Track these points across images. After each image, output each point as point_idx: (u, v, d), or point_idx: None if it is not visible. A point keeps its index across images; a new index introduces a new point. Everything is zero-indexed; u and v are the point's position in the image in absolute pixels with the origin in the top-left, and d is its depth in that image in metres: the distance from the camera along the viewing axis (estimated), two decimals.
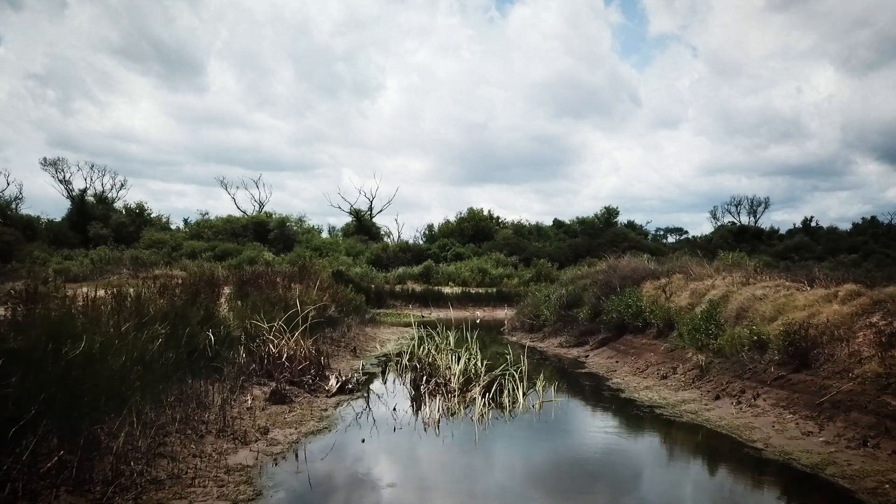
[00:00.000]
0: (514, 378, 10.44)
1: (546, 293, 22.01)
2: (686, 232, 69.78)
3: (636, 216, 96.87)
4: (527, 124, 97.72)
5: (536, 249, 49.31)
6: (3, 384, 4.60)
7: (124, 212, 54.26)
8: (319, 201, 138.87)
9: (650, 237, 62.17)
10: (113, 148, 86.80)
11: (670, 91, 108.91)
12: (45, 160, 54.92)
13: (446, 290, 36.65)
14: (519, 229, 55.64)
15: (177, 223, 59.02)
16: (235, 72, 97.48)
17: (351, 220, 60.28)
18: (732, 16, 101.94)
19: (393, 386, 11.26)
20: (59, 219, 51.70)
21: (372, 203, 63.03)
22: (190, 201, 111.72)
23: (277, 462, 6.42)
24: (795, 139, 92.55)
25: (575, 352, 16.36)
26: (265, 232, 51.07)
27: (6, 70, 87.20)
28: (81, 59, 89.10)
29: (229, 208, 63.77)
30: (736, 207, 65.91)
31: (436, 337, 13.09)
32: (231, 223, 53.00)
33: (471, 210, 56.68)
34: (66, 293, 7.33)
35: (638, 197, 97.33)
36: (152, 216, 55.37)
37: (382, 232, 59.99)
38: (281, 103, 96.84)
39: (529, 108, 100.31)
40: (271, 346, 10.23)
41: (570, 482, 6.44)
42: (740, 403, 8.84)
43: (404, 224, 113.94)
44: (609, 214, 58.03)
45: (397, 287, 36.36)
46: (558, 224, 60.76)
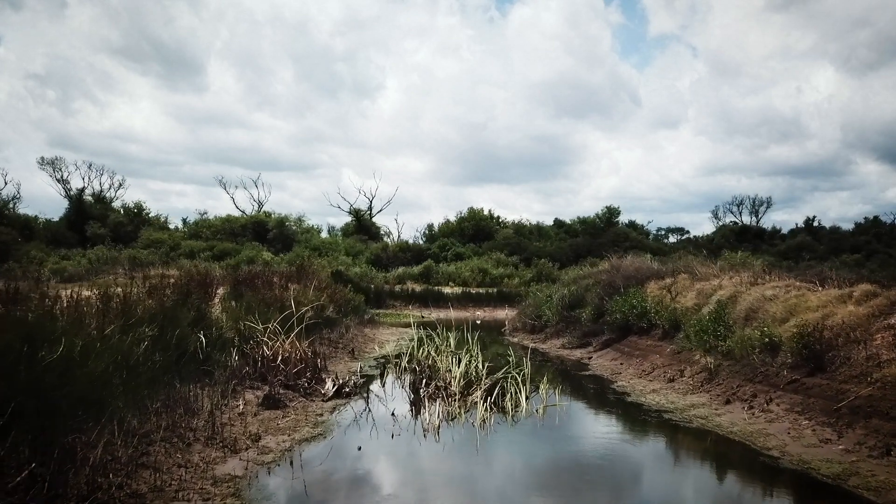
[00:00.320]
0: (517, 381, 10.12)
1: (548, 293, 21.67)
2: (687, 232, 69.47)
3: (636, 216, 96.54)
4: (527, 124, 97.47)
5: (537, 249, 48.97)
6: None
7: (122, 211, 53.89)
8: (319, 201, 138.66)
9: (651, 237, 61.79)
10: (113, 148, 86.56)
11: (670, 91, 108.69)
12: (43, 159, 54.55)
13: (446, 291, 36.35)
14: (519, 229, 55.28)
15: (175, 223, 58.77)
16: (235, 72, 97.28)
17: (350, 220, 59.93)
18: (732, 16, 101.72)
19: (391, 389, 10.91)
20: (57, 218, 51.46)
21: (372, 203, 62.71)
22: (190, 201, 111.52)
23: (269, 472, 6.08)
24: (795, 139, 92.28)
25: (578, 353, 16.02)
26: (264, 232, 50.74)
27: (6, 70, 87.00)
28: (81, 59, 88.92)
29: (229, 208, 63.65)
30: (738, 207, 65.52)
31: (436, 338, 12.76)
32: (230, 223, 52.66)
33: (471, 210, 56.36)
34: (48, 293, 6.99)
35: (638, 197, 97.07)
36: (150, 216, 55.00)
37: (382, 232, 59.67)
38: (281, 103, 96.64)
39: (529, 108, 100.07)
40: (265, 349, 9.88)
41: (577, 493, 6.10)
42: (752, 408, 8.49)
43: (404, 224, 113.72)
44: (610, 214, 57.65)
45: (397, 287, 36.04)
46: (559, 224, 60.42)
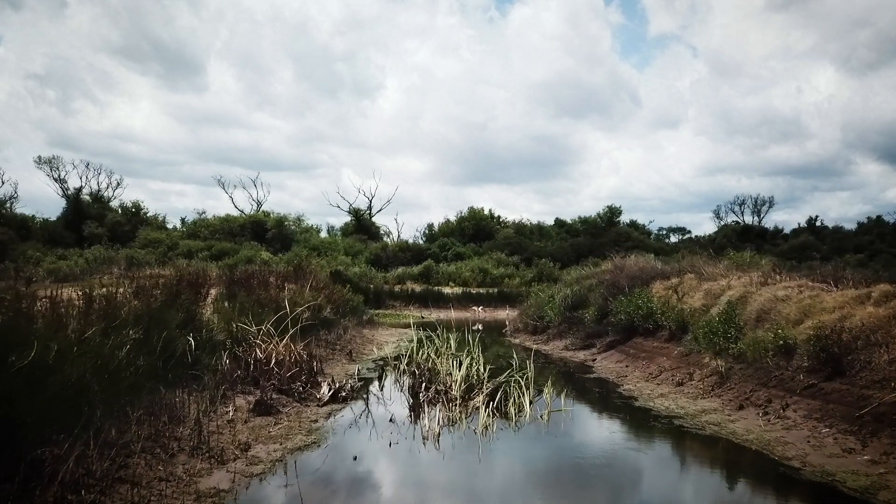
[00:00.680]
0: (520, 385, 9.74)
1: (550, 293, 21.29)
2: (689, 231, 69.03)
3: (636, 216, 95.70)
4: (527, 124, 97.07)
5: (538, 249, 48.58)
6: None
7: (120, 211, 53.49)
8: (319, 201, 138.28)
9: (653, 237, 61.33)
10: (113, 148, 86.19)
11: (670, 91, 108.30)
12: (40, 158, 54.06)
13: (446, 291, 35.98)
14: (520, 229, 54.88)
15: (174, 223, 58.39)
16: (235, 72, 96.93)
17: (350, 220, 59.53)
18: (732, 16, 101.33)
19: (390, 393, 10.53)
20: (55, 218, 51.04)
21: (371, 202, 62.30)
22: (190, 201, 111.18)
23: (257, 484, 5.70)
24: (796, 139, 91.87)
25: (581, 355, 15.64)
26: (263, 231, 50.36)
27: (6, 70, 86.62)
28: (81, 59, 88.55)
29: (228, 208, 63.20)
30: (740, 207, 65.08)
31: (436, 340, 12.38)
32: (228, 222, 52.27)
33: (471, 209, 55.98)
34: (24, 293, 6.60)
35: (638, 197, 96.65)
36: (148, 215, 54.61)
37: (382, 231, 59.26)
38: (281, 103, 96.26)
39: (529, 109, 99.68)
40: (258, 351, 9.50)
41: None
42: (767, 414, 8.11)
43: (404, 224, 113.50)
44: (612, 214, 57.23)
45: (397, 287, 35.66)
46: (560, 223, 60.01)
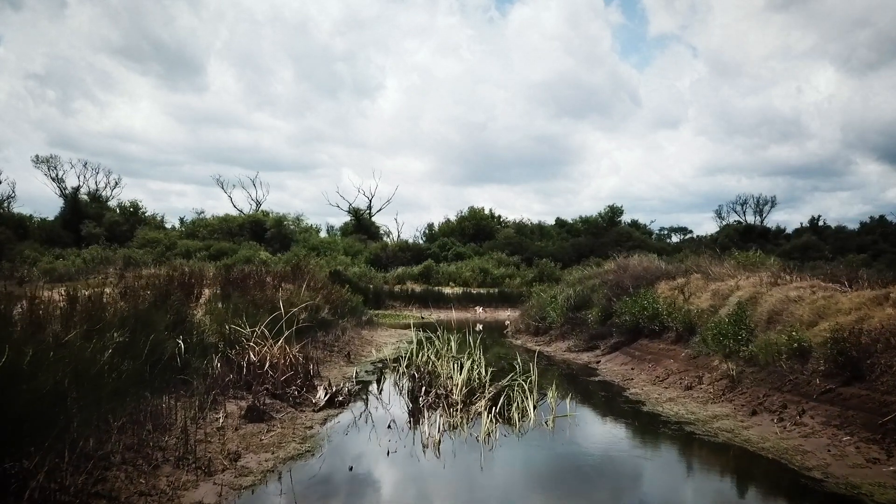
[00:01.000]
0: (524, 389, 9.39)
1: (552, 294, 20.93)
2: (690, 231, 68.63)
3: (636, 216, 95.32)
4: (527, 124, 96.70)
5: (539, 249, 48.24)
6: None
7: (118, 210, 53.11)
8: (319, 201, 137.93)
9: (654, 237, 61.01)
10: (113, 148, 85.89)
11: (670, 91, 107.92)
12: (38, 157, 53.69)
13: (447, 291, 35.64)
14: (521, 228, 54.53)
15: (172, 222, 58.05)
16: (235, 72, 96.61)
17: (349, 220, 59.18)
18: (732, 16, 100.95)
19: (388, 397, 10.18)
20: (53, 218, 50.68)
21: (371, 202, 61.92)
22: (190, 201, 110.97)
23: (246, 498, 5.35)
24: (796, 139, 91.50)
25: (585, 357, 15.29)
26: (262, 231, 50.01)
27: (6, 70, 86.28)
28: (81, 59, 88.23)
29: (228, 208, 62.77)
30: (742, 206, 64.71)
31: (436, 341, 12.04)
32: (227, 222, 51.91)
33: (472, 209, 55.63)
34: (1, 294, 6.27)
35: (638, 197, 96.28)
36: (146, 215, 54.26)
37: (382, 231, 58.92)
38: (281, 103, 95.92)
39: (529, 109, 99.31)
40: (252, 354, 9.15)
41: None
42: (783, 420, 7.76)
43: (404, 223, 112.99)
44: (613, 213, 56.87)
45: (396, 287, 35.31)
46: (561, 223, 59.66)
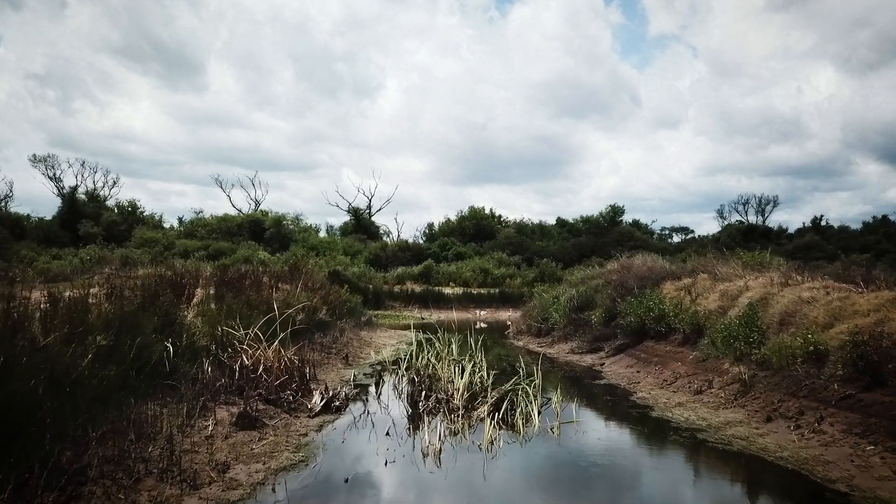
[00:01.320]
0: (528, 394, 9.04)
1: (554, 294, 20.58)
2: (692, 231, 68.28)
3: (636, 216, 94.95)
4: (527, 124, 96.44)
5: (539, 249, 47.90)
6: None
7: (116, 210, 52.75)
8: (319, 201, 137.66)
9: (655, 236, 60.64)
10: (113, 148, 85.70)
11: (670, 91, 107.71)
12: (35, 157, 53.37)
13: (447, 291, 35.30)
14: (521, 228, 54.19)
15: (171, 222, 57.70)
16: (235, 72, 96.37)
17: (349, 219, 58.83)
18: (732, 16, 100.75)
19: (387, 402, 9.82)
20: (50, 217, 50.31)
21: (371, 201, 61.56)
22: (190, 201, 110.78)
23: None
24: (796, 139, 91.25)
25: (589, 359, 14.93)
26: (261, 231, 49.64)
27: (6, 70, 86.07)
28: (81, 59, 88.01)
29: (228, 207, 62.27)
30: (744, 206, 64.34)
31: (436, 343, 11.69)
32: (226, 222, 51.52)
33: (472, 208, 55.29)
34: None
35: (638, 197, 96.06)
36: (145, 214, 53.90)
37: (381, 231, 58.57)
38: (281, 103, 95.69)
39: (529, 108, 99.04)
40: (245, 357, 8.80)
41: None
42: (800, 428, 7.40)
43: (404, 223, 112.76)
44: (614, 213, 56.50)
45: (396, 287, 34.97)
46: (562, 223, 59.32)
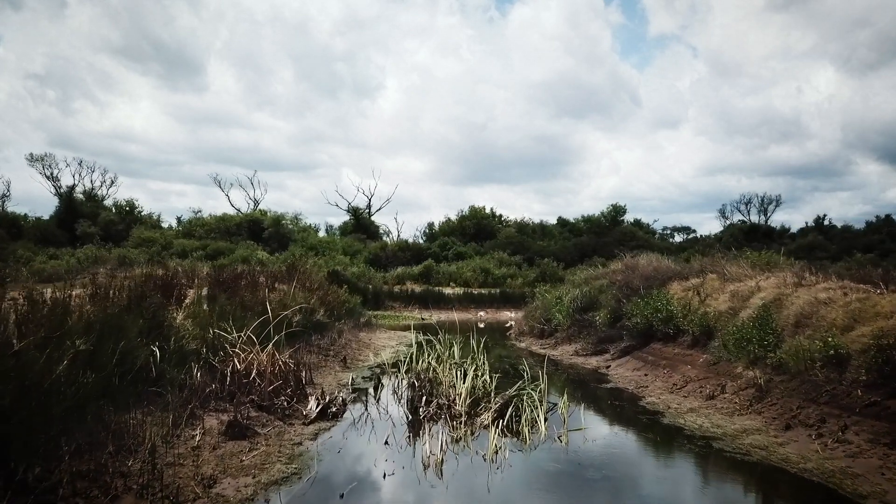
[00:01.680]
0: (533, 399, 8.65)
1: (557, 295, 20.19)
2: (694, 231, 67.87)
3: (637, 216, 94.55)
4: (527, 124, 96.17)
5: (540, 248, 47.55)
6: None
7: (114, 209, 52.38)
8: (319, 201, 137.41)
9: (657, 236, 60.25)
10: (113, 148, 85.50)
11: (670, 91, 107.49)
12: (32, 156, 53.01)
13: (447, 291, 34.92)
14: (522, 228, 53.82)
15: (169, 221, 57.33)
16: (235, 72, 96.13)
17: (349, 219, 58.44)
18: (732, 16, 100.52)
19: (386, 407, 9.42)
20: (48, 217, 49.90)
21: (370, 201, 61.19)
22: (190, 201, 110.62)
23: None
24: (796, 139, 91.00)
25: (594, 361, 14.54)
26: (259, 230, 49.26)
27: (6, 70, 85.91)
28: (81, 59, 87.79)
29: (228, 207, 61.88)
30: (746, 206, 63.96)
31: (437, 345, 11.30)
32: (224, 221, 51.15)
33: (472, 208, 54.91)
34: None
35: (638, 197, 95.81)
36: (143, 214, 53.52)
37: (381, 231, 58.20)
38: (281, 103, 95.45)
39: (529, 109, 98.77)
40: (237, 361, 8.41)
41: None
42: (823, 437, 7.01)
43: (404, 223, 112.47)
44: (616, 213, 56.13)
45: (396, 288, 34.60)
46: (563, 222, 58.95)
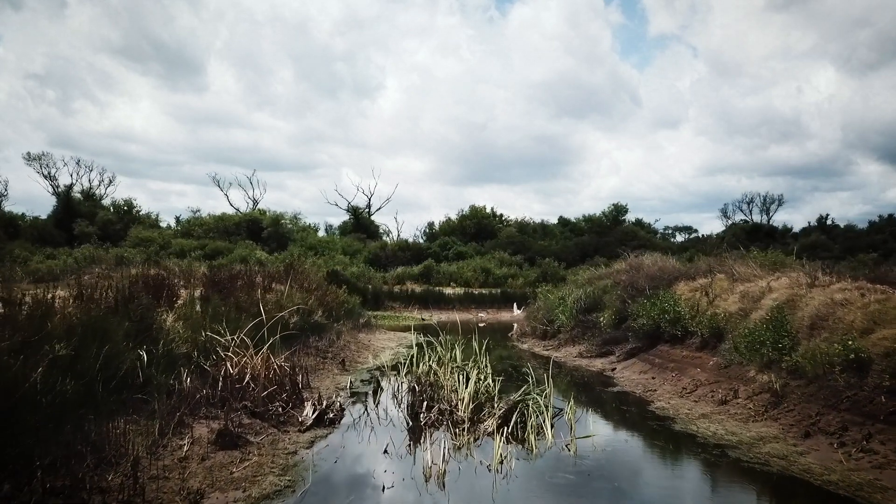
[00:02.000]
0: (539, 404, 8.30)
1: (560, 295, 19.83)
2: (696, 231, 67.42)
3: (637, 216, 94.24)
4: (527, 124, 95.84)
5: (542, 248, 47.18)
6: None
7: (112, 209, 52.00)
8: (319, 201, 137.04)
9: (658, 236, 59.88)
10: (113, 148, 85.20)
11: (670, 91, 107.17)
12: (29, 155, 52.65)
13: (448, 291, 34.58)
14: (523, 227, 53.45)
15: (167, 221, 56.97)
16: (235, 72, 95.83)
17: (348, 218, 58.08)
18: (732, 16, 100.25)
19: (385, 413, 9.06)
20: (45, 216, 49.56)
21: (370, 200, 60.82)
22: (190, 201, 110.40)
23: None
24: (796, 139, 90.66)
25: (598, 363, 14.18)
26: (258, 230, 48.89)
27: (6, 70, 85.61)
28: (81, 59, 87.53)
29: (227, 207, 61.47)
30: (748, 205, 63.60)
31: (438, 347, 10.95)
32: (223, 221, 50.76)
33: (473, 207, 54.52)
34: None
35: (638, 197, 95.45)
36: (141, 213, 53.14)
37: (381, 230, 57.83)
38: (281, 103, 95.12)
39: (529, 108, 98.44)
40: (229, 366, 8.05)
41: None
42: (846, 446, 6.65)
43: (404, 223, 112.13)
44: (617, 212, 55.76)
45: (396, 288, 34.25)
46: (564, 222, 58.57)
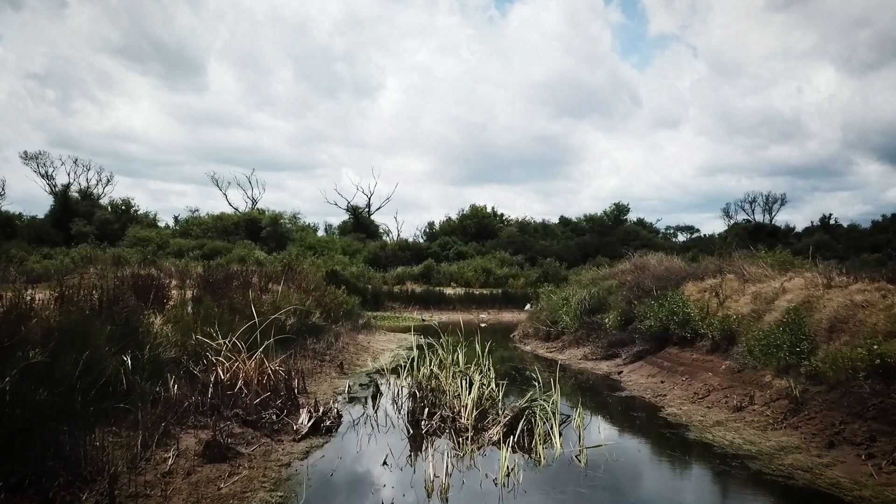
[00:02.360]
0: (546, 410, 7.90)
1: (563, 296, 19.43)
2: (697, 230, 66.99)
3: (638, 216, 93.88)
4: (527, 124, 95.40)
5: (543, 248, 46.76)
6: None
7: (109, 208, 51.58)
8: (319, 201, 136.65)
9: (660, 235, 59.47)
10: (112, 148, 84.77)
11: (670, 91, 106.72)
12: (26, 154, 52.17)
13: (448, 292, 34.17)
14: (524, 227, 53.03)
15: (165, 220, 56.57)
16: (235, 72, 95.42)
17: (348, 218, 57.67)
18: (732, 16, 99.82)
19: (385, 419, 8.65)
20: (43, 216, 49.14)
21: (370, 200, 60.42)
22: (190, 201, 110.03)
23: None
24: (796, 139, 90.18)
25: (605, 366, 13.78)
26: (257, 230, 48.48)
27: (6, 70, 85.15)
28: (81, 59, 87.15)
29: (226, 207, 61.01)
30: (750, 205, 63.14)
31: (439, 350, 10.55)
32: (222, 220, 50.35)
33: (473, 207, 54.10)
34: None
35: (638, 197, 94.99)
36: (139, 213, 52.72)
37: (381, 230, 57.41)
38: (281, 103, 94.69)
39: (529, 108, 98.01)
40: (220, 371, 7.65)
41: None
42: (874, 458, 6.26)
43: (404, 223, 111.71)
44: (619, 212, 55.35)
45: (396, 288, 33.84)
46: (565, 222, 58.14)
